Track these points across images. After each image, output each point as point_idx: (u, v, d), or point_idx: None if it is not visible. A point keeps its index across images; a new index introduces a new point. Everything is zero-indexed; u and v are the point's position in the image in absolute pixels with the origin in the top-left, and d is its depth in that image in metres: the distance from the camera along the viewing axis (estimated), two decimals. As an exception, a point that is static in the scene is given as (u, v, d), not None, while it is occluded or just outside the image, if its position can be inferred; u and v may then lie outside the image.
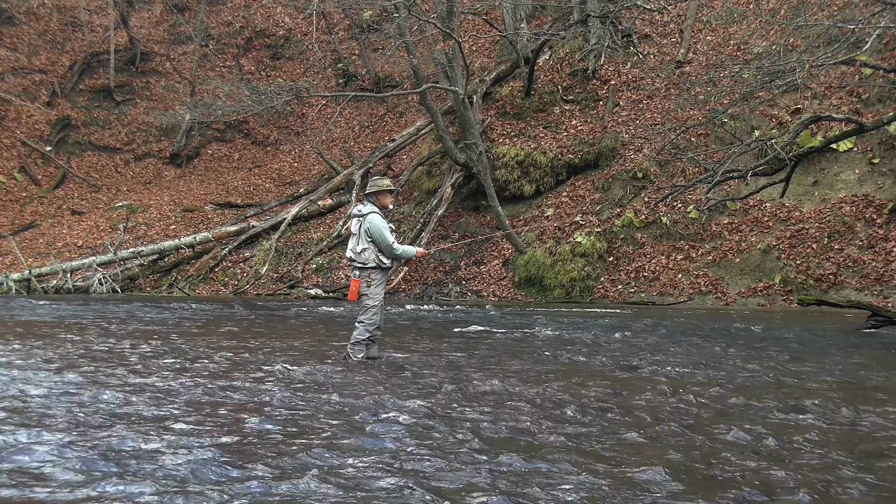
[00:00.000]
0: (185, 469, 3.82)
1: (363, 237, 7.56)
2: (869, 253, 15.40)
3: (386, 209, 7.76)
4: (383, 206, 7.73)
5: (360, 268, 7.59)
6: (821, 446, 4.49)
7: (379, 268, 7.62)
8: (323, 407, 5.42)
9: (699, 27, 21.98)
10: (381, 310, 7.66)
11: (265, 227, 21.91)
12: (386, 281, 7.84)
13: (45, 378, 6.33)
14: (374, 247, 7.55)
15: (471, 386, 6.26)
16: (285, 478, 3.70)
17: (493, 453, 4.20)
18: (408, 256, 7.74)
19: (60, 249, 23.86)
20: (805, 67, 13.43)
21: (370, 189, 7.75)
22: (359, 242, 7.58)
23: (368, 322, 7.61)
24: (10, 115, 29.80)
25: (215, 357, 7.88)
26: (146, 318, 12.94)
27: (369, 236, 7.54)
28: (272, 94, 20.61)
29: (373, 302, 7.60)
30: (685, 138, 18.46)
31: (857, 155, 17.03)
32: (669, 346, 9.24)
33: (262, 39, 31.71)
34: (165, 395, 5.78)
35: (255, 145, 29.19)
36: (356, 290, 7.60)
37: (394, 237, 7.66)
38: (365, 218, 7.58)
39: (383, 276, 7.72)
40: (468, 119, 19.03)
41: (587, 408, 5.48)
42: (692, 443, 4.55)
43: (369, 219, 7.55)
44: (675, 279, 16.73)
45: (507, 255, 18.95)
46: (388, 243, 7.52)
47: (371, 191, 7.73)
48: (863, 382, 6.77)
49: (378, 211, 7.65)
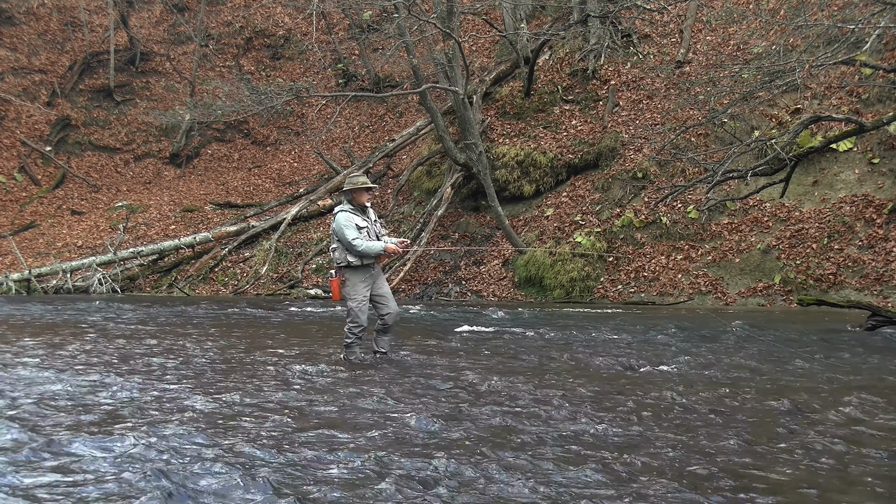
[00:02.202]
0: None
1: (334, 236, 7.64)
2: (869, 253, 15.39)
3: (363, 207, 7.65)
4: (360, 204, 7.63)
5: (336, 267, 7.64)
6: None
7: (350, 266, 7.55)
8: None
9: (699, 27, 21.97)
10: (363, 310, 7.60)
11: (265, 227, 21.91)
12: (366, 280, 7.66)
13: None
14: (342, 245, 7.55)
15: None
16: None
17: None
18: (373, 252, 7.53)
19: (60, 249, 23.85)
20: (805, 67, 13.42)
21: (346, 186, 7.69)
22: (332, 241, 7.67)
23: (351, 323, 7.64)
24: (10, 115, 29.79)
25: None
26: (202, 319, 12.89)
27: (336, 235, 7.56)
28: (272, 94, 20.60)
29: (353, 303, 7.58)
30: (685, 138, 18.45)
31: (857, 155, 17.02)
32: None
33: (262, 39, 31.70)
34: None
35: (255, 145, 29.18)
36: (337, 290, 7.64)
37: (359, 234, 7.49)
38: (335, 217, 7.61)
39: (358, 276, 7.60)
40: (468, 119, 19.03)
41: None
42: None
43: (335, 217, 7.60)
44: (674, 279, 16.73)
45: (507, 255, 18.95)
46: (348, 240, 7.43)
47: (346, 188, 7.66)
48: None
49: (349, 209, 7.60)
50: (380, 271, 7.81)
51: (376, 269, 7.74)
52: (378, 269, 7.76)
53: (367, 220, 7.66)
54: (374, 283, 7.72)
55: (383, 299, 7.74)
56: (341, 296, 7.63)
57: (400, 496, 3.54)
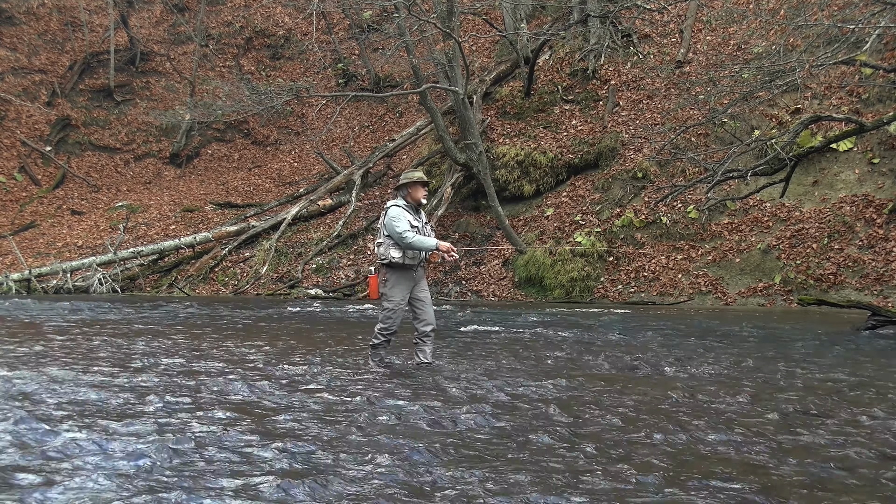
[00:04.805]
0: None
1: (382, 230, 7.19)
2: (869, 253, 15.40)
3: (418, 205, 7.29)
4: (415, 200, 7.26)
5: (378, 263, 7.27)
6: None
7: (391, 265, 7.14)
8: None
9: (699, 27, 21.99)
10: (399, 314, 7.19)
11: (265, 227, 21.91)
12: (407, 282, 7.22)
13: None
14: (391, 241, 7.10)
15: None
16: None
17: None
18: (424, 247, 7.07)
19: (60, 249, 23.86)
20: (805, 67, 13.44)
21: (402, 180, 7.32)
22: (378, 236, 7.26)
23: (382, 324, 7.22)
24: (10, 115, 29.80)
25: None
26: (227, 320, 12.89)
27: (386, 229, 7.13)
28: (272, 94, 20.61)
29: (389, 304, 7.17)
30: (685, 138, 18.46)
31: (857, 155, 17.03)
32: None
33: (262, 39, 31.72)
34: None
35: (255, 145, 29.19)
36: (375, 288, 7.27)
37: (412, 229, 7.08)
38: (386, 211, 7.22)
39: (400, 276, 7.18)
40: (468, 119, 19.04)
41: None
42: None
43: (387, 210, 7.19)
44: (674, 279, 16.73)
45: (507, 255, 18.95)
46: (399, 232, 6.99)
47: (403, 182, 7.30)
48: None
49: (403, 205, 7.21)
50: (423, 275, 7.37)
51: (419, 272, 7.30)
52: (421, 273, 7.31)
53: (419, 219, 7.28)
54: (416, 285, 7.29)
55: (422, 304, 7.29)
56: (380, 294, 7.24)
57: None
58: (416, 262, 7.18)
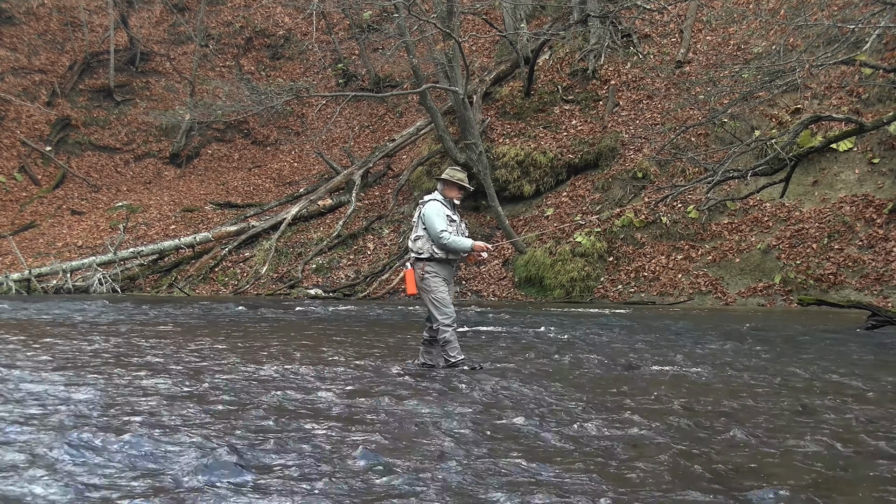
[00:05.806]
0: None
1: (419, 224, 7.10)
2: (869, 253, 15.39)
3: (452, 203, 7.17)
4: (448, 198, 7.16)
5: (416, 258, 7.10)
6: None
7: (433, 259, 7.01)
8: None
9: (699, 27, 21.98)
10: (449, 300, 7.06)
11: (265, 227, 21.90)
12: (447, 277, 7.12)
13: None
14: (428, 235, 7.01)
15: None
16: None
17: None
18: (459, 248, 6.97)
19: (60, 249, 23.85)
20: (805, 67, 13.42)
21: (444, 175, 7.23)
22: (415, 230, 7.13)
23: (441, 317, 7.01)
24: (10, 115, 29.78)
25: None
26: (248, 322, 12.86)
27: (423, 223, 7.05)
28: (272, 94, 20.60)
29: (437, 294, 7.00)
30: (685, 138, 18.45)
31: (857, 155, 17.02)
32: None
33: (262, 39, 31.70)
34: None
35: (255, 145, 29.17)
36: (412, 282, 7.09)
37: (449, 228, 6.99)
38: (424, 205, 7.13)
39: (440, 270, 7.05)
40: (468, 119, 19.03)
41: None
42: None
43: (427, 205, 7.09)
44: (675, 279, 16.73)
45: (507, 255, 18.95)
46: (437, 230, 6.91)
47: (444, 177, 7.20)
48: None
49: (440, 199, 7.13)
50: (455, 272, 7.27)
51: (456, 269, 7.22)
52: (455, 270, 7.21)
53: (456, 213, 7.21)
54: (451, 281, 7.20)
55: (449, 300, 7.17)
56: (418, 290, 7.08)
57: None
58: (457, 257, 7.14)
